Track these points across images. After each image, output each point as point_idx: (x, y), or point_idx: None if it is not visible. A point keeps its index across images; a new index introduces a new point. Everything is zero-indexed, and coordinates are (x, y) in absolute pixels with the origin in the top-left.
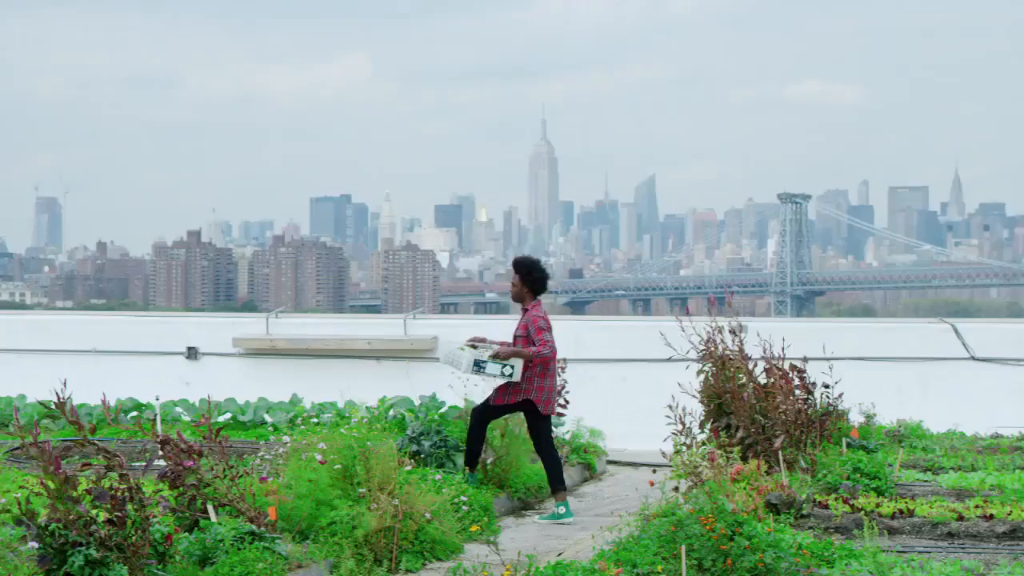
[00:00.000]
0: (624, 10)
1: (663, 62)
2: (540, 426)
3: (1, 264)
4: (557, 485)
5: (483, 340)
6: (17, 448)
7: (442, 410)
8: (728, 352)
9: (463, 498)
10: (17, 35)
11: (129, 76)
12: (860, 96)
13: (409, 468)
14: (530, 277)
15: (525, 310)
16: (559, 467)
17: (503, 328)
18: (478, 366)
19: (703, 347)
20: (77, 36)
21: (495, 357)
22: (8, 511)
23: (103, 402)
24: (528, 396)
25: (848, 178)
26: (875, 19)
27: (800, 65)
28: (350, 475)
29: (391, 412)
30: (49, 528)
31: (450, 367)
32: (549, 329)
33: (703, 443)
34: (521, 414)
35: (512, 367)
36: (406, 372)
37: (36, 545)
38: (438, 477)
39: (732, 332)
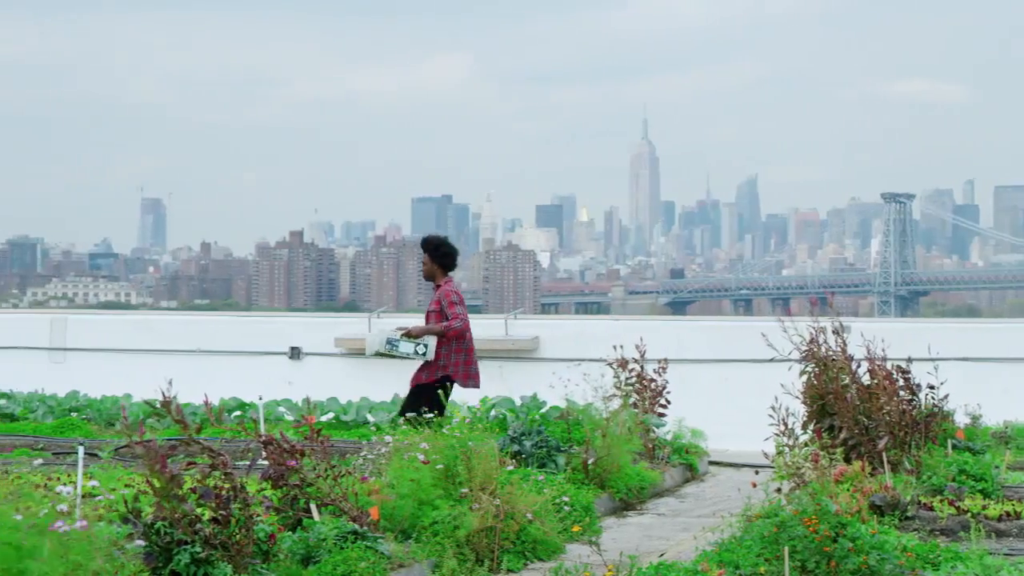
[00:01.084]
0: (724, 9)
1: (764, 60)
2: (436, 399)
3: (107, 264)
4: None
5: (418, 335)
6: (123, 447)
7: (543, 410)
8: (831, 353)
9: (565, 498)
10: (119, 38)
11: (232, 77)
12: (965, 94)
13: (510, 468)
14: (438, 253)
15: (437, 286)
16: None
17: (606, 328)
18: (391, 345)
19: (805, 348)
20: (178, 38)
21: (407, 335)
22: (115, 509)
23: (207, 402)
24: (446, 372)
25: (953, 177)
26: (978, 16)
27: (903, 63)
28: (452, 475)
29: (492, 412)
30: (155, 526)
31: (374, 356)
32: (461, 303)
33: (806, 444)
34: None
35: (426, 345)
36: (500, 373)
37: (142, 543)
38: (540, 477)
39: (835, 332)
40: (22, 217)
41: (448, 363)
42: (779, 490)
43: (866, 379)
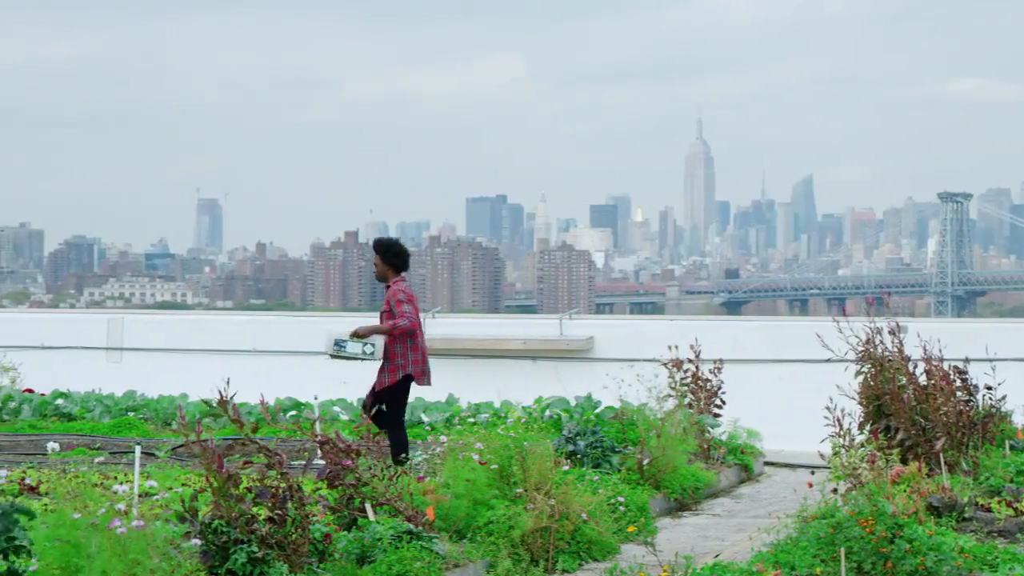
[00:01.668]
0: (779, 8)
1: (819, 60)
2: (404, 400)
3: (163, 265)
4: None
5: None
6: (180, 446)
7: (598, 410)
8: (887, 353)
9: (619, 498)
10: (175, 40)
11: (285, 78)
12: (1022, 92)
13: (565, 468)
14: (388, 254)
15: (388, 287)
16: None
17: (661, 328)
18: (339, 346)
19: (862, 348)
20: (233, 39)
21: (354, 335)
22: (172, 508)
23: (262, 401)
24: (406, 371)
25: (1011, 176)
26: None
27: (960, 62)
28: (507, 475)
29: (547, 412)
30: (212, 525)
31: (331, 358)
32: (409, 301)
33: (862, 445)
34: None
35: (373, 345)
36: (556, 373)
37: (199, 542)
38: (595, 478)
39: (891, 333)
40: (80, 218)
41: (407, 362)
42: (835, 491)
43: (923, 380)
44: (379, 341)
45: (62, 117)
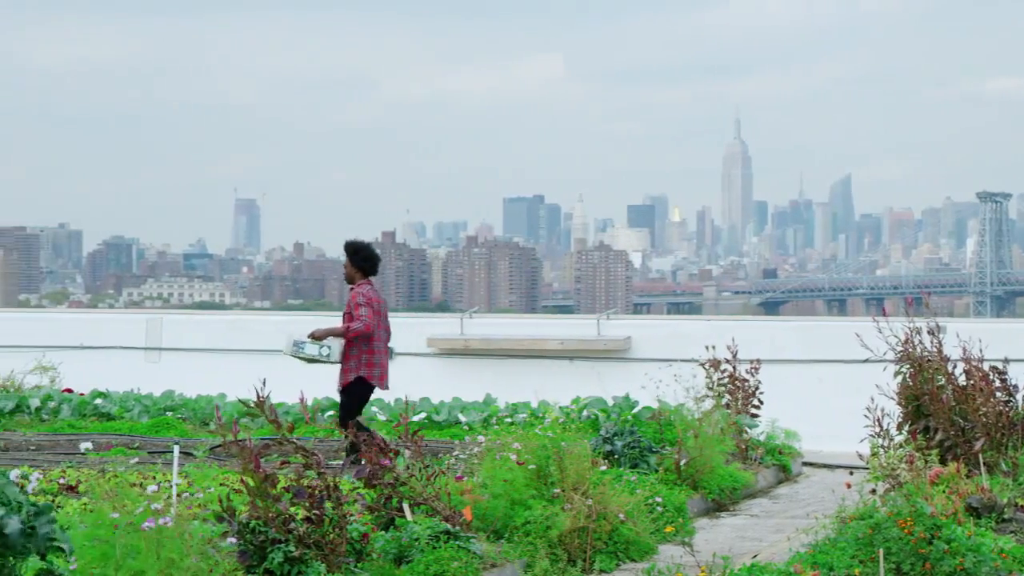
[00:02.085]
0: (817, 8)
1: (857, 59)
2: (359, 401)
3: (201, 265)
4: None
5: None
6: (217, 446)
7: (635, 410)
8: (926, 353)
9: (657, 499)
10: (214, 40)
11: (324, 78)
12: None
13: (603, 468)
14: (356, 257)
15: (352, 289)
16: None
17: (698, 328)
18: (297, 347)
19: (900, 348)
20: (272, 40)
21: (312, 337)
22: (209, 508)
23: (300, 401)
24: (359, 373)
25: None
26: None
27: (998, 60)
28: (544, 475)
29: (584, 412)
30: (249, 525)
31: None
32: (367, 304)
33: (901, 445)
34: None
35: (329, 348)
36: (596, 373)
37: (236, 541)
38: (632, 478)
39: (930, 333)
40: (118, 218)
41: (360, 364)
42: (874, 491)
43: (962, 380)
44: (335, 344)
45: (101, 117)
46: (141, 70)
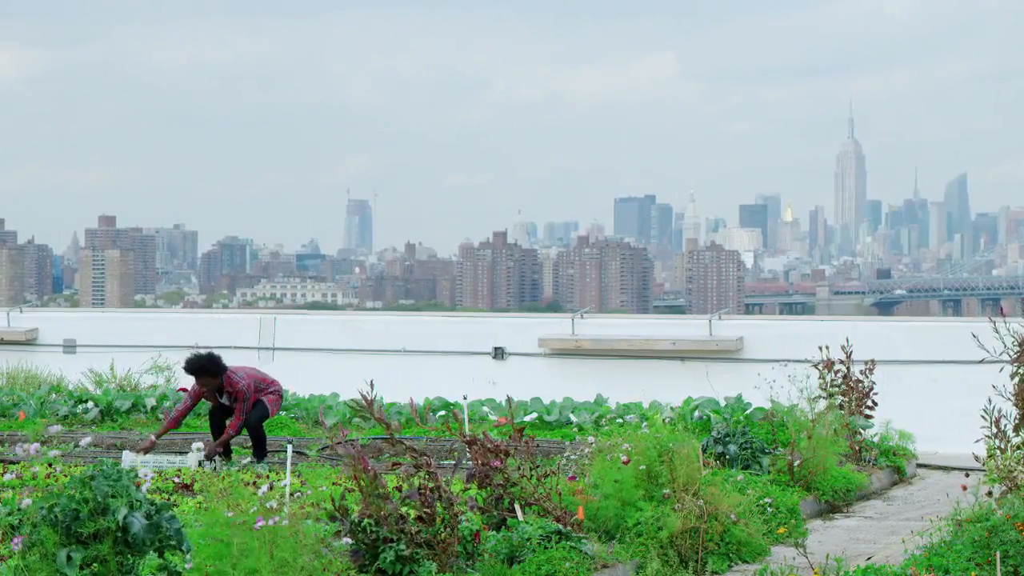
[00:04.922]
0: (935, 5)
1: (975, 57)
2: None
3: (314, 265)
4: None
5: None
6: (328, 447)
7: (747, 411)
8: None
9: (768, 500)
10: (329, 41)
11: (438, 78)
12: None
13: (713, 469)
14: (202, 372)
15: (231, 391)
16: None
17: (812, 329)
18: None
19: (1018, 348)
20: (386, 41)
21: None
22: (322, 507)
23: (411, 401)
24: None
25: None
26: None
27: None
28: (654, 475)
29: (696, 413)
30: (362, 524)
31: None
32: (241, 396)
33: (1018, 447)
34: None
35: (213, 460)
36: (706, 374)
37: (349, 540)
38: (739, 478)
39: None
40: (232, 219)
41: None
42: (990, 494)
43: None
44: (205, 450)
45: (215, 119)
46: (259, 71)
